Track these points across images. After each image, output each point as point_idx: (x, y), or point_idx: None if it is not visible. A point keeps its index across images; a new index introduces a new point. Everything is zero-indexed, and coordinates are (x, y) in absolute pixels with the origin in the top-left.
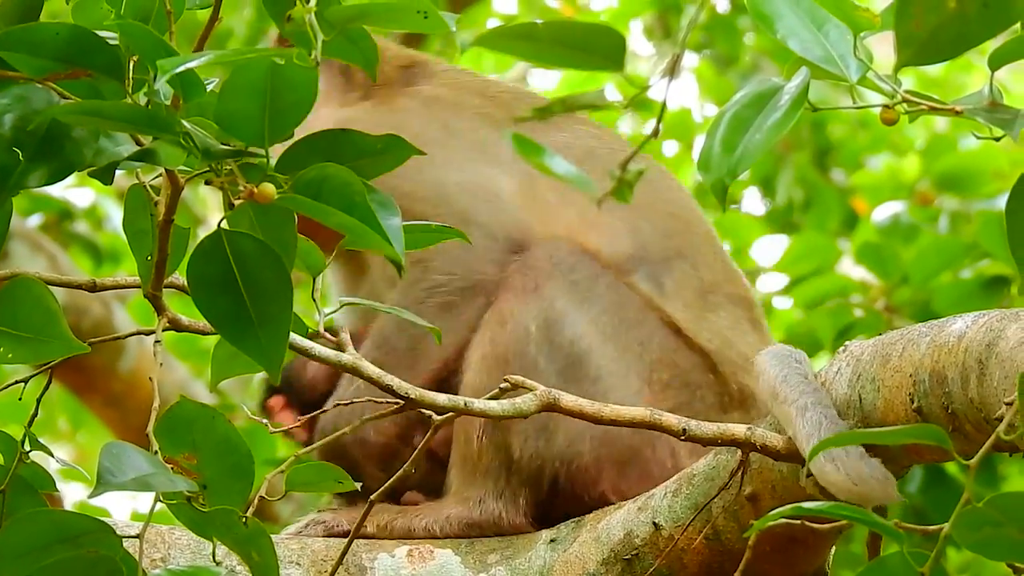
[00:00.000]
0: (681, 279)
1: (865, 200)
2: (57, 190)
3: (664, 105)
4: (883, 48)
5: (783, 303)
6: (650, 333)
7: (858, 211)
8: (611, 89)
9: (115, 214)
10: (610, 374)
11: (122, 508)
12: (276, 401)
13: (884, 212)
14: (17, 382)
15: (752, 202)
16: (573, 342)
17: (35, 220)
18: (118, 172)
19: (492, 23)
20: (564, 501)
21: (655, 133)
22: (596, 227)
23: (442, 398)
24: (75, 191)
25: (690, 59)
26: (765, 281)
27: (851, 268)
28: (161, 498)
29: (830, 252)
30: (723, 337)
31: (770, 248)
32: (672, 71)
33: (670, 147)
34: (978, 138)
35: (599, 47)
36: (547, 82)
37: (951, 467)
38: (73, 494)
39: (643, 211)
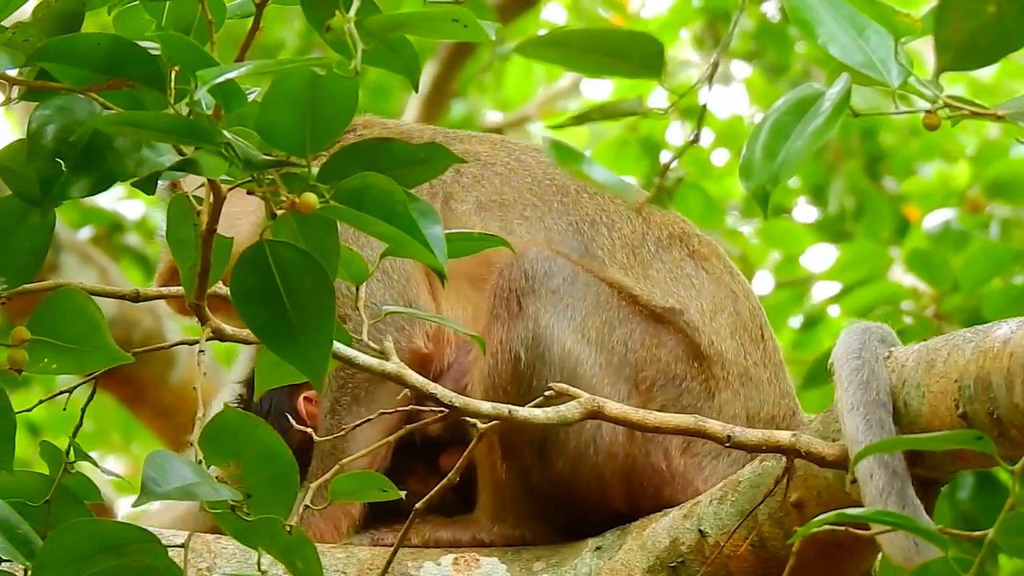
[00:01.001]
0: (608, 244)
1: (916, 207)
2: (107, 202)
3: (703, 112)
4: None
5: (836, 311)
6: (631, 328)
7: (910, 218)
8: (660, 97)
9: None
10: (601, 384)
11: None
12: None
13: (935, 219)
14: (61, 392)
15: (804, 211)
16: (563, 357)
17: (86, 232)
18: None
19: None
20: (585, 521)
21: (695, 139)
22: (507, 235)
23: (486, 406)
24: (125, 203)
25: (741, 68)
26: (819, 289)
27: (902, 275)
28: (206, 507)
29: (881, 260)
30: (675, 292)
31: (822, 257)
32: (711, 78)
33: (721, 156)
34: (1021, 143)
35: (637, 55)
36: (599, 91)
37: (1002, 473)
38: (127, 506)
39: (526, 203)
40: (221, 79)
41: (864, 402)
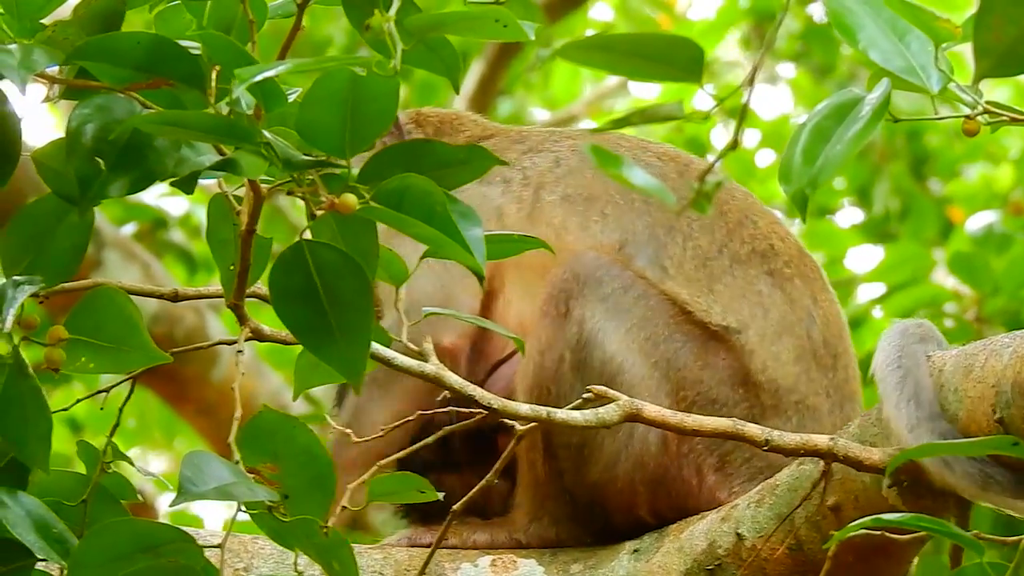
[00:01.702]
0: (678, 254)
1: (961, 209)
2: (151, 198)
3: (742, 115)
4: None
5: (879, 312)
6: (678, 345)
7: (954, 220)
8: (706, 98)
9: None
10: (640, 396)
11: (218, 517)
12: None
13: (977, 222)
14: (99, 392)
15: (850, 212)
16: (604, 363)
17: (129, 228)
18: (211, 181)
19: (589, 33)
20: (613, 526)
21: (734, 144)
22: (582, 231)
23: (524, 408)
24: (169, 200)
25: (788, 69)
26: (863, 291)
27: (945, 278)
28: (243, 508)
29: (924, 261)
30: (735, 312)
31: (866, 258)
32: (752, 80)
33: (766, 157)
34: None
35: (677, 59)
36: (646, 91)
37: None
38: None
39: (608, 200)
40: (260, 77)
41: (920, 418)
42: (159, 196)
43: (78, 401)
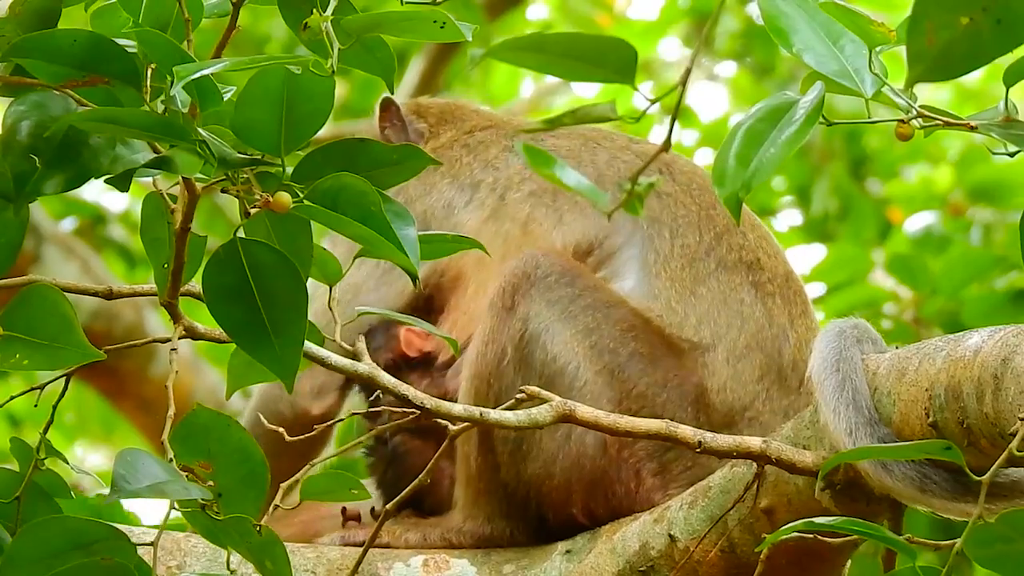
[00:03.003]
0: (665, 249)
1: (900, 210)
2: (91, 194)
3: (674, 118)
4: None
5: (819, 313)
6: (623, 360)
7: (893, 221)
8: (642, 98)
9: None
10: (580, 399)
11: (156, 514)
12: None
13: (916, 223)
14: (33, 388)
15: (789, 213)
16: (545, 363)
17: (68, 224)
18: (147, 179)
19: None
20: (546, 525)
21: (666, 146)
22: (556, 224)
23: (458, 408)
24: (109, 195)
25: (728, 68)
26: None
27: (884, 278)
28: (176, 506)
29: (862, 262)
30: (711, 321)
31: (806, 258)
32: (685, 82)
33: (705, 156)
34: (993, 154)
35: (611, 60)
36: (588, 89)
37: None
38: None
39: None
40: (197, 75)
41: (859, 423)
42: (99, 192)
43: (12, 398)
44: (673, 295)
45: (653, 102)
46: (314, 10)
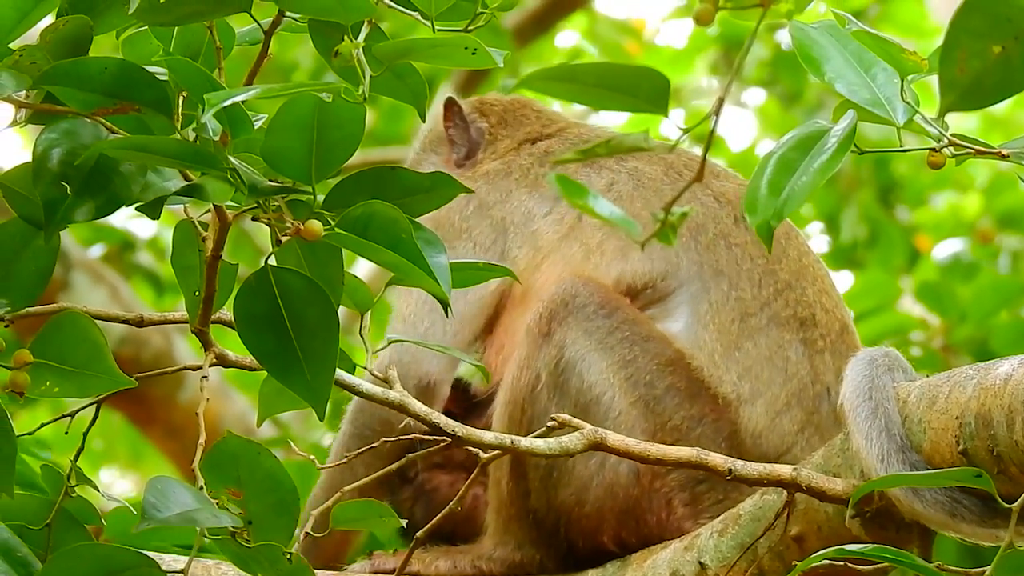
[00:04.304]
0: (719, 300)
1: (928, 237)
2: (119, 221)
3: (707, 148)
4: None
5: None
6: (659, 394)
7: (921, 248)
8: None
9: None
10: (615, 428)
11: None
12: None
13: (945, 250)
14: (64, 416)
15: (817, 239)
16: (580, 391)
17: (97, 250)
18: (178, 206)
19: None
20: (576, 552)
21: (699, 177)
22: (618, 256)
23: (488, 436)
24: (137, 222)
25: (756, 96)
26: None
27: (912, 306)
28: (206, 533)
29: (891, 289)
30: (753, 376)
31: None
32: (718, 111)
33: None
34: (1022, 180)
35: (643, 90)
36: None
37: None
38: None
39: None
40: (228, 102)
41: (891, 450)
42: (127, 219)
43: (43, 425)
44: (718, 348)
45: (685, 131)
46: (345, 37)
